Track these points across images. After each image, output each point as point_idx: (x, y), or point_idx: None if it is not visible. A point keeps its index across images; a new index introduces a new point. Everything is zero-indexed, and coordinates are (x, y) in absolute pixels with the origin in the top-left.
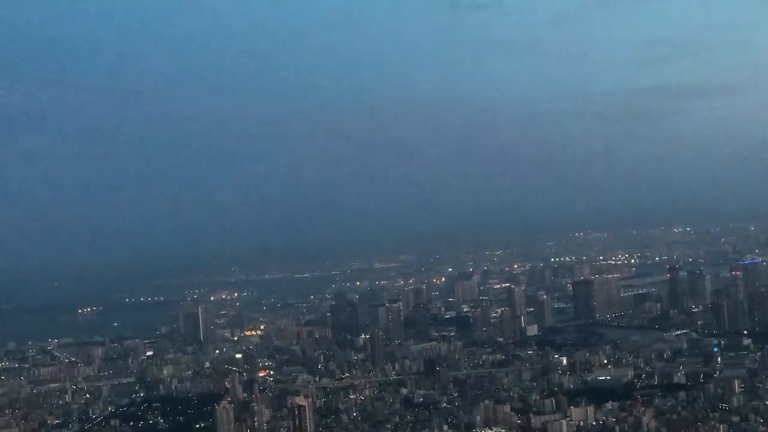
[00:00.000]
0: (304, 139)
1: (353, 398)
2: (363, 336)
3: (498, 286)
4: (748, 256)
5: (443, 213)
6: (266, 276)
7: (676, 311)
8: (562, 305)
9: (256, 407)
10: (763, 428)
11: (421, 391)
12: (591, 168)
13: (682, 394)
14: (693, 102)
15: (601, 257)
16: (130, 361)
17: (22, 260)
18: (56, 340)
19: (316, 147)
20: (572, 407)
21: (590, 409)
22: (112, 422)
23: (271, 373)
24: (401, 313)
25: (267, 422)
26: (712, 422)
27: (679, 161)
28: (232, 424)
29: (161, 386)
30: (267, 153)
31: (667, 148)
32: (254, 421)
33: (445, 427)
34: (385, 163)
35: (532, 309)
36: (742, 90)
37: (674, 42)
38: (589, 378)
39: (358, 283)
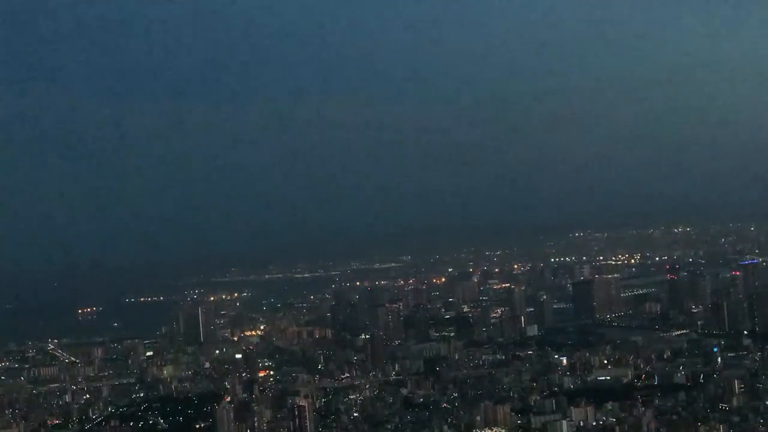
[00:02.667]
0: (300, 139)
1: (353, 398)
2: (363, 336)
3: (498, 286)
4: (748, 256)
5: (443, 213)
6: (266, 276)
7: (676, 311)
8: (562, 305)
9: (256, 407)
10: (763, 428)
11: (421, 392)
12: (589, 168)
13: (682, 394)
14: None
15: (601, 257)
16: (130, 361)
17: (22, 260)
18: (56, 340)
19: (312, 146)
20: (572, 407)
21: (590, 409)
22: (112, 422)
23: (271, 373)
24: (401, 314)
25: (267, 422)
26: (712, 422)
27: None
28: (232, 424)
29: (161, 386)
30: (264, 153)
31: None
32: (254, 422)
33: (445, 427)
34: (383, 163)
35: (532, 309)
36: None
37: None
38: (589, 378)
39: (358, 283)
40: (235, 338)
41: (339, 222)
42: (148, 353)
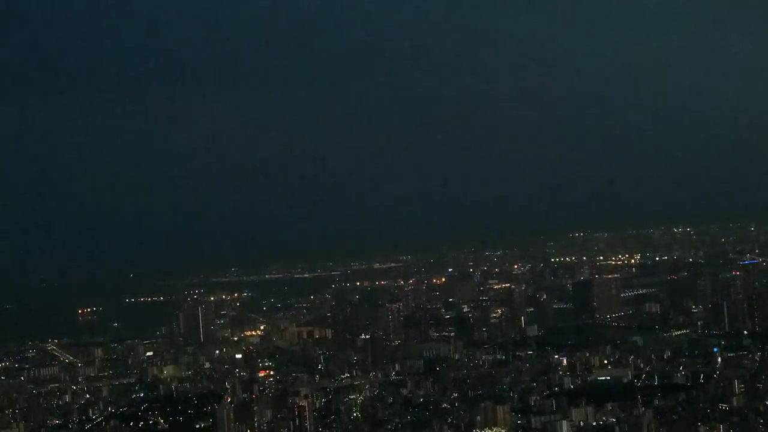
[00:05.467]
0: (299, 138)
1: (353, 398)
2: (363, 336)
3: (498, 286)
4: (748, 256)
5: (443, 213)
6: (266, 276)
7: (676, 311)
8: (562, 305)
9: (256, 407)
10: (763, 429)
11: (421, 392)
12: (588, 168)
13: (682, 394)
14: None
15: (601, 257)
16: (130, 361)
17: (21, 260)
18: (56, 340)
19: (310, 146)
20: (572, 407)
21: (590, 409)
22: (112, 422)
23: (271, 373)
24: (401, 314)
25: (267, 423)
26: (712, 422)
27: (677, 159)
28: (232, 424)
29: (161, 386)
30: (263, 153)
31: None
32: (254, 422)
33: (445, 427)
34: (383, 163)
35: (532, 309)
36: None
37: None
38: (589, 378)
39: (358, 283)
40: (235, 338)
41: (339, 222)
42: (148, 353)
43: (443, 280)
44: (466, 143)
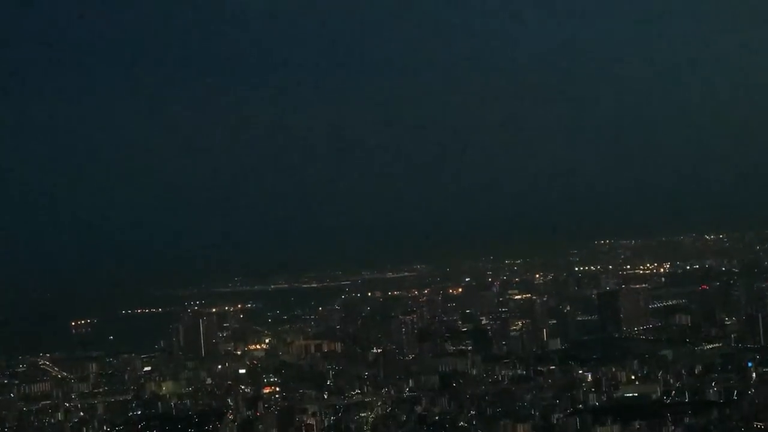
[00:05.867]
0: (306, 141)
1: (364, 416)
2: (375, 350)
3: (518, 297)
4: None
5: (459, 220)
6: (272, 286)
7: (708, 324)
8: (586, 317)
9: (260, 426)
10: None
11: (437, 409)
12: (614, 172)
13: (715, 411)
14: None
15: (629, 266)
16: (126, 376)
17: (12, 271)
18: (48, 354)
19: (317, 151)
20: (598, 426)
21: (616, 428)
22: None
23: (277, 389)
24: (415, 326)
25: None
26: None
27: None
28: None
29: (160, 404)
30: (269, 156)
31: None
32: None
33: None
34: (398, 165)
35: (554, 321)
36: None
37: None
38: (615, 395)
39: (369, 293)
40: (239, 352)
41: (349, 229)
42: (146, 368)
43: (460, 290)
44: (484, 147)
